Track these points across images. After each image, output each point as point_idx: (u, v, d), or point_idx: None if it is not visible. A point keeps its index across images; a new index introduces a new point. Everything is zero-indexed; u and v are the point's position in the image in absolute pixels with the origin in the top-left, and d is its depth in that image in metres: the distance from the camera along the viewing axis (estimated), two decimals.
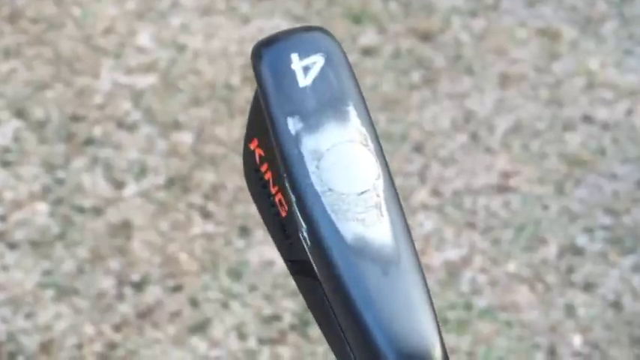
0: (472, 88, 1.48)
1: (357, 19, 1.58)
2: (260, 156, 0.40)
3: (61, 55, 1.49)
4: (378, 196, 0.36)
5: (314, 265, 0.37)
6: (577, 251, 1.26)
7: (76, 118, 1.39)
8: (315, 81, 0.37)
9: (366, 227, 0.35)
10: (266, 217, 0.41)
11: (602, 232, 1.28)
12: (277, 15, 1.59)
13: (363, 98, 0.39)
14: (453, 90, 1.48)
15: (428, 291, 0.36)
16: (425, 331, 0.34)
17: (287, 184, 0.37)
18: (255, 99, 0.40)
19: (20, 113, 1.40)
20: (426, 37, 1.55)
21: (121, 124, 1.39)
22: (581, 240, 1.27)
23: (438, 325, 0.35)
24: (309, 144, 0.37)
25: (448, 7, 1.61)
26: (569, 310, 1.19)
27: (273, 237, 0.41)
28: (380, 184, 0.36)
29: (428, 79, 1.49)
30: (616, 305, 1.20)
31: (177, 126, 1.39)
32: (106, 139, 1.36)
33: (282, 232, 0.39)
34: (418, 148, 1.38)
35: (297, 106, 0.37)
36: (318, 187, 0.36)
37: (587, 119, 1.45)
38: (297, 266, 0.39)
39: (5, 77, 1.46)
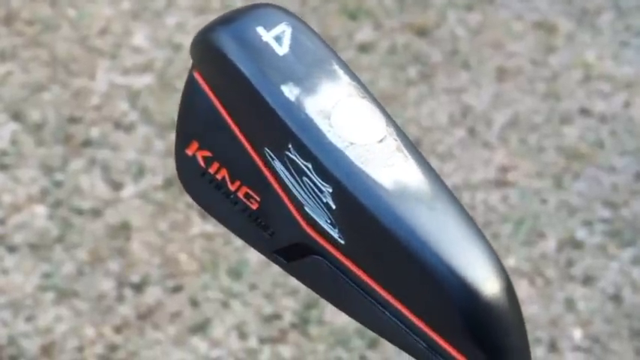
0: (469, 83, 1.48)
1: (352, 15, 1.58)
2: (205, 157, 0.39)
3: (57, 57, 1.49)
4: (395, 140, 0.36)
5: (340, 227, 0.36)
6: (576, 245, 1.26)
7: (73, 120, 1.39)
8: (291, 48, 0.37)
9: (398, 171, 0.35)
10: (231, 219, 0.39)
11: (602, 225, 1.28)
12: None
13: (339, 57, 0.39)
14: (449, 85, 1.48)
15: (471, 218, 0.36)
16: (486, 257, 0.35)
17: (294, 156, 0.36)
18: (187, 99, 0.39)
19: (17, 116, 1.40)
20: (421, 32, 1.55)
21: (118, 125, 1.39)
22: (581, 233, 1.27)
23: (493, 250, 0.35)
24: (313, 106, 0.36)
25: (444, 2, 1.61)
26: (569, 303, 1.19)
27: (247, 236, 0.40)
28: (392, 129, 0.37)
29: (424, 75, 1.49)
30: (616, 298, 1.20)
31: (174, 126, 1.39)
32: (104, 140, 1.36)
33: (258, 225, 0.39)
34: (416, 144, 1.37)
35: (287, 74, 0.37)
36: (339, 144, 0.36)
37: (585, 112, 1.45)
38: (288, 252, 0.38)
39: (1, 80, 1.46)
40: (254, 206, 0.38)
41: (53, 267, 1.20)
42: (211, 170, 0.39)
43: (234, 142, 0.38)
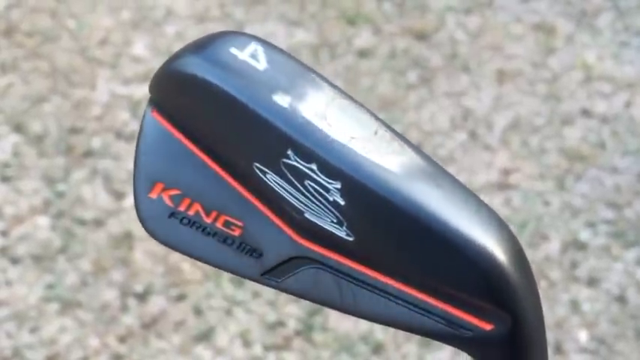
0: (469, 86, 1.48)
1: (351, 20, 1.58)
2: (173, 196, 0.39)
3: (58, 68, 1.49)
4: (386, 131, 0.38)
5: (349, 223, 0.36)
6: (580, 246, 1.26)
7: (74, 131, 1.39)
8: (269, 63, 0.38)
9: (400, 156, 0.37)
10: (210, 253, 0.39)
11: (605, 226, 1.28)
12: (271, 20, 1.58)
13: (311, 68, 0.40)
14: (450, 88, 1.47)
15: (471, 191, 0.38)
16: (498, 223, 0.37)
17: (295, 161, 0.36)
18: (146, 142, 0.39)
19: (19, 128, 1.40)
20: (421, 36, 1.55)
21: (119, 135, 1.39)
22: (584, 235, 1.27)
23: (499, 216, 0.38)
24: (307, 109, 0.37)
25: (442, 6, 1.61)
26: (574, 305, 1.19)
27: (231, 265, 0.39)
28: (380, 123, 0.38)
29: (424, 79, 1.49)
30: (621, 299, 1.20)
31: None
32: (105, 150, 1.36)
33: (243, 251, 0.39)
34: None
35: (273, 85, 0.37)
36: (343, 139, 0.36)
37: (586, 113, 1.44)
38: (279, 270, 0.38)
39: (2, 92, 1.46)
40: (236, 232, 0.38)
41: (56, 278, 1.20)
42: (181, 208, 0.39)
43: (206, 173, 0.38)
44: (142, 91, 1.45)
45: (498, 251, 0.36)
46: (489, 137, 1.40)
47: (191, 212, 0.39)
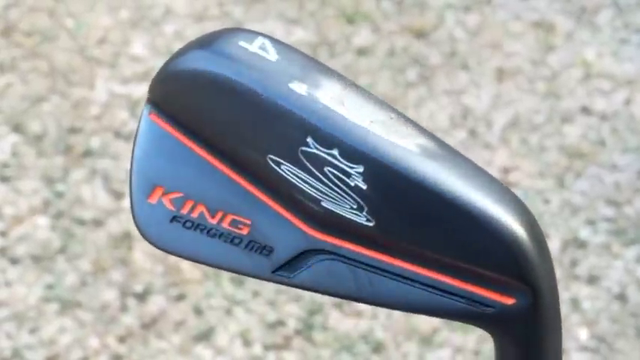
0: (468, 84, 1.47)
1: (350, 19, 1.58)
2: (174, 199, 0.38)
3: (56, 68, 1.49)
4: (399, 116, 0.38)
5: (370, 208, 0.36)
6: (580, 244, 1.25)
7: (73, 130, 1.39)
8: (279, 54, 0.38)
9: (418, 138, 0.37)
10: (217, 255, 0.39)
11: (605, 224, 1.28)
12: (271, 18, 1.58)
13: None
14: (449, 86, 1.47)
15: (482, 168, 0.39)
16: (514, 197, 0.38)
17: (314, 148, 0.36)
18: (145, 146, 0.38)
19: (17, 127, 1.40)
20: (420, 34, 1.55)
21: (118, 135, 1.38)
22: (584, 233, 1.27)
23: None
24: (325, 95, 0.37)
25: (441, 4, 1.60)
26: (575, 304, 1.19)
27: (240, 266, 0.39)
28: (391, 108, 0.39)
29: (424, 77, 1.48)
30: (621, 297, 1.20)
31: None
32: (104, 150, 1.36)
33: (252, 249, 0.38)
34: None
35: (288, 75, 0.37)
36: (363, 123, 0.37)
37: (586, 110, 1.44)
38: (295, 263, 0.38)
39: (1, 92, 1.46)
40: (244, 231, 0.38)
41: (56, 278, 1.20)
42: (184, 211, 0.38)
43: (210, 173, 0.38)
44: (141, 91, 1.45)
45: (519, 225, 0.37)
46: (489, 135, 1.40)
47: (195, 214, 0.38)
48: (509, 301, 0.37)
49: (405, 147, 0.37)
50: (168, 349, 1.13)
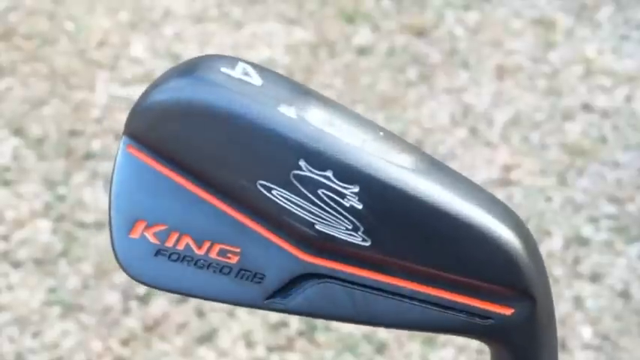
0: (469, 82, 1.47)
1: (350, 18, 1.57)
2: (158, 232, 0.37)
3: (57, 71, 1.48)
4: (386, 132, 0.38)
5: (366, 228, 0.36)
6: (582, 242, 1.25)
7: (74, 133, 1.39)
8: (263, 78, 0.37)
9: (411, 155, 0.37)
10: (208, 286, 0.38)
11: (607, 222, 1.28)
12: (270, 19, 1.58)
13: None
14: (449, 85, 1.47)
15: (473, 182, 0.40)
16: (508, 209, 0.38)
17: (307, 171, 0.36)
18: (124, 180, 0.37)
19: (18, 131, 1.40)
20: (420, 32, 1.55)
21: (119, 137, 1.38)
22: (586, 230, 1.26)
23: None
24: (315, 118, 0.37)
25: (441, 2, 1.60)
26: (578, 302, 1.19)
27: (231, 295, 0.38)
28: (376, 124, 0.39)
29: (424, 75, 1.48)
30: (624, 295, 1.19)
31: None
32: (105, 152, 1.36)
33: (244, 277, 0.37)
34: (418, 145, 1.38)
35: (275, 98, 0.36)
36: (356, 143, 0.37)
37: (587, 107, 1.44)
38: (289, 289, 0.38)
39: (1, 95, 1.46)
40: (233, 260, 0.37)
41: (58, 282, 1.20)
42: (169, 243, 0.37)
43: (194, 203, 0.37)
44: (142, 92, 1.45)
45: (516, 236, 0.37)
46: (490, 133, 1.39)
47: (180, 246, 0.37)
48: (509, 311, 0.37)
49: (399, 164, 0.36)
50: (171, 352, 1.13)
